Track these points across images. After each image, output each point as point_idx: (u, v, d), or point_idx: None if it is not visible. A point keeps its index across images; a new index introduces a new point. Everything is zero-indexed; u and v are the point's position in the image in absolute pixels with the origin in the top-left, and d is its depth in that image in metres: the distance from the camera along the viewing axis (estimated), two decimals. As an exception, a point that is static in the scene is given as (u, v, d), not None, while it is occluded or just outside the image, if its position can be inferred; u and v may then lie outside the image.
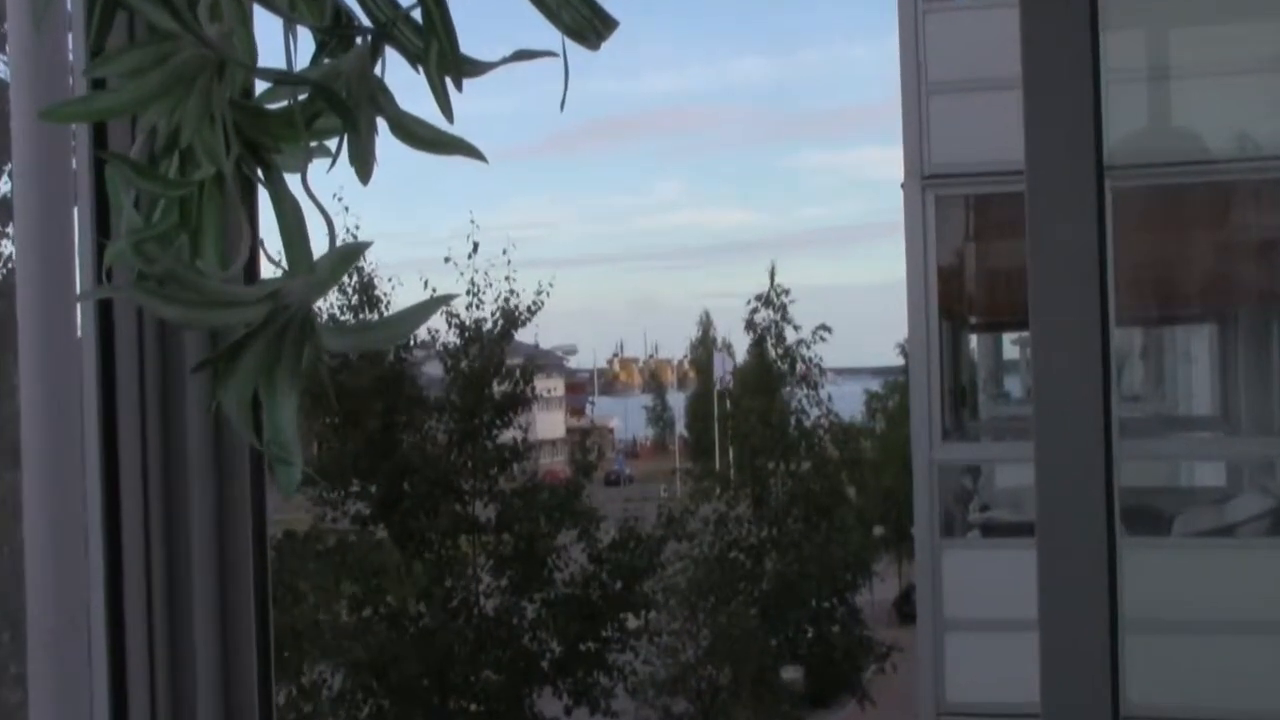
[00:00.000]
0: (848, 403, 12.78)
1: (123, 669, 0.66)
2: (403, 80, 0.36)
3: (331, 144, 0.36)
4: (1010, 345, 6.42)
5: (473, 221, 8.53)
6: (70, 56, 0.62)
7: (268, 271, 0.36)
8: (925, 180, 4.57)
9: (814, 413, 10.44)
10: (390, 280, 9.11)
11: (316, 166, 0.36)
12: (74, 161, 0.65)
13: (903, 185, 4.62)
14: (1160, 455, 3.52)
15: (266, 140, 0.35)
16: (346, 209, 8.18)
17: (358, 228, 8.39)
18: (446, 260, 8.51)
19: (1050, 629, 0.78)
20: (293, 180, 0.35)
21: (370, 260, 8.37)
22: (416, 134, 0.36)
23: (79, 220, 0.64)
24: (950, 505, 4.78)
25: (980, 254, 5.19)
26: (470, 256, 8.43)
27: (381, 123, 0.36)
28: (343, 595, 7.46)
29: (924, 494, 4.57)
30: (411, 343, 8.21)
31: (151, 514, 0.67)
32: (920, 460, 4.60)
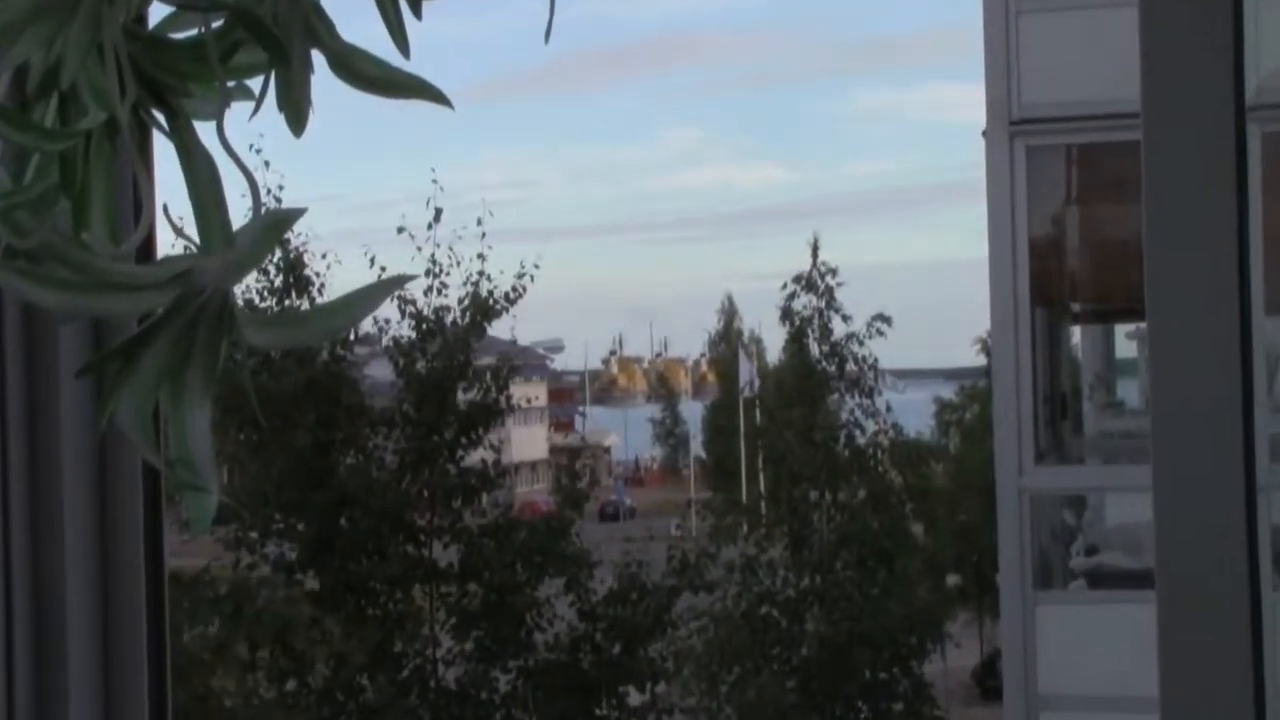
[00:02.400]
0: (913, 414, 12.79)
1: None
2: (345, 4, 0.37)
3: (254, 84, 0.36)
4: (1125, 339, 6.36)
5: (435, 181, 8.53)
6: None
7: (169, 246, 0.36)
8: (1013, 126, 4.52)
9: (869, 427, 10.46)
10: (325, 257, 8.38)
11: (235, 113, 0.36)
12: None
13: (985, 133, 4.57)
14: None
15: (171, 80, 0.35)
16: (268, 164, 8.22)
17: (281, 189, 8.46)
18: (400, 231, 8.46)
19: (1175, 709, 0.76)
20: (205, 130, 0.36)
21: (300, 231, 8.34)
22: (363, 72, 0.36)
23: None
24: (1047, 547, 4.75)
25: (1085, 221, 5.15)
26: (431, 226, 8.43)
27: (318, 58, 0.36)
28: (258, 664, 7.45)
29: (1012, 532, 4.54)
30: (353, 337, 8.27)
31: (13, 559, 0.64)
32: (1007, 489, 4.56)
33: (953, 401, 16.44)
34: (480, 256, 8.50)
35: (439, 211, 8.48)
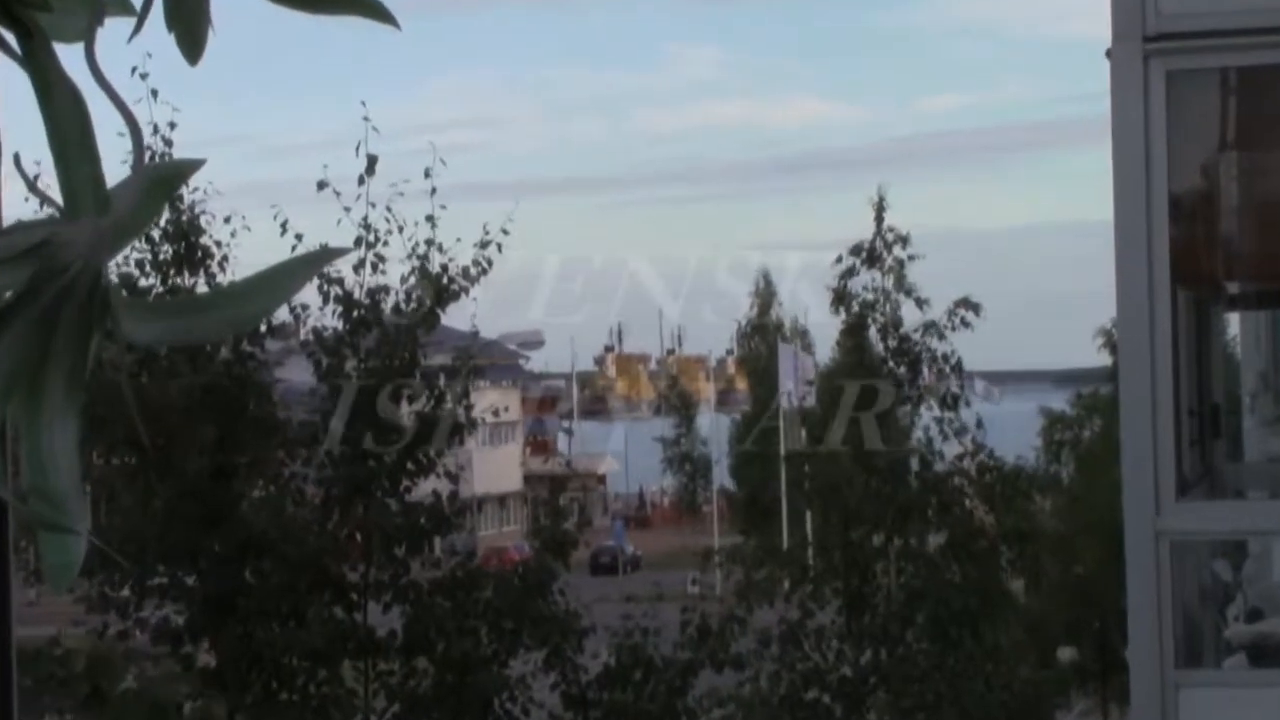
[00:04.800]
0: (1012, 432, 12.82)
1: None
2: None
3: (135, -7, 0.37)
4: (1301, 332, 6.33)
5: (367, 120, 8.57)
6: None
7: (21, 207, 0.35)
8: (1149, 43, 4.47)
9: (951, 449, 10.49)
10: (229, 220, 8.36)
11: (111, 31, 0.36)
12: None
13: (1109, 53, 4.54)
14: None
15: (25, -13, 0.35)
16: (155, 95, 8.28)
17: (172, 128, 8.53)
18: (322, 187, 8.55)
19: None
20: (70, 55, 0.36)
21: (195, 185, 8.41)
22: (280, -23, 0.37)
23: None
24: (1193, 611, 4.73)
25: (1246, 170, 5.11)
26: (362, 180, 8.54)
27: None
28: None
29: (1146, 590, 4.53)
30: (263, 328, 8.29)
31: None
32: (1140, 532, 4.55)
33: (1066, 415, 16.45)
34: (430, 220, 8.55)
35: (373, 160, 8.51)
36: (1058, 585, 12.57)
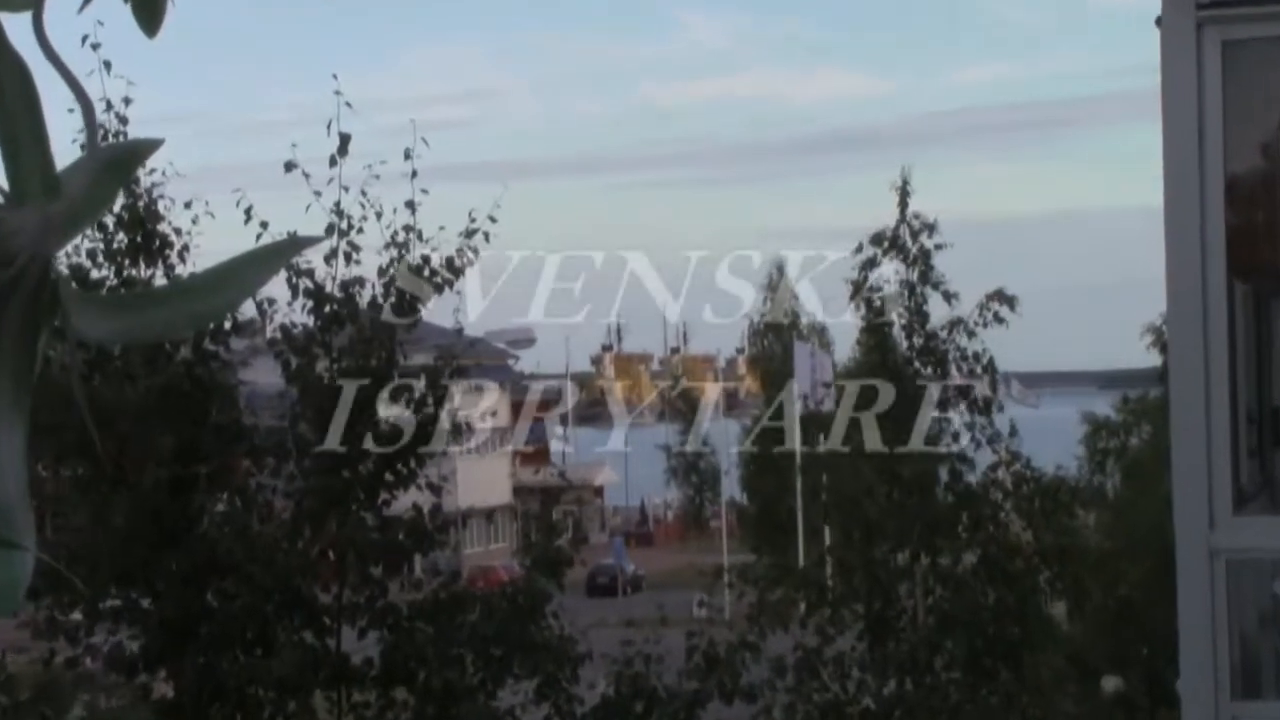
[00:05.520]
0: (1052, 439, 12.82)
1: None
2: None
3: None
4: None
5: (339, 94, 8.57)
6: None
7: None
8: (1203, 11, 4.49)
9: (984, 458, 10.47)
10: (190, 205, 8.31)
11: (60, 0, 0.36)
12: None
13: (1159, 21, 4.55)
14: None
15: (-34, -50, 0.35)
16: (108, 67, 8.28)
17: (127, 104, 8.53)
18: (290, 168, 8.54)
19: None
20: (16, 25, 0.36)
21: (153, 167, 8.39)
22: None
23: None
24: (1251, 636, 4.73)
25: (1309, 153, 5.11)
26: (334, 161, 8.51)
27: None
28: None
29: (1199, 614, 4.53)
30: (226, 325, 8.29)
31: None
32: (1192, 550, 4.55)
33: (1111, 420, 16.45)
34: (410, 206, 8.54)
35: (346, 139, 8.50)
36: (1102, 608, 12.57)
